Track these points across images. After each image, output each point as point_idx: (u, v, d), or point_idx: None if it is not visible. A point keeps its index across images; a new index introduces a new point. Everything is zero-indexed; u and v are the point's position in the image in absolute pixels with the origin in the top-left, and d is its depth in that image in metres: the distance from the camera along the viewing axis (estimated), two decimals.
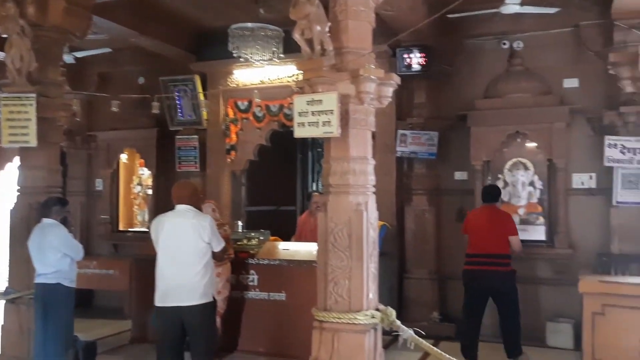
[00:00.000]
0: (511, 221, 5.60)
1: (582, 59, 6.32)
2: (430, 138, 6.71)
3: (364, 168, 4.27)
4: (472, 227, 5.62)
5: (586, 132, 6.32)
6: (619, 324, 4.77)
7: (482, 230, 5.52)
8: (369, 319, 4.13)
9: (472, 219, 5.71)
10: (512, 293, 5.50)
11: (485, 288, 5.46)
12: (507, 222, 5.58)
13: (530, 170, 6.59)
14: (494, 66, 6.70)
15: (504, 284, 5.45)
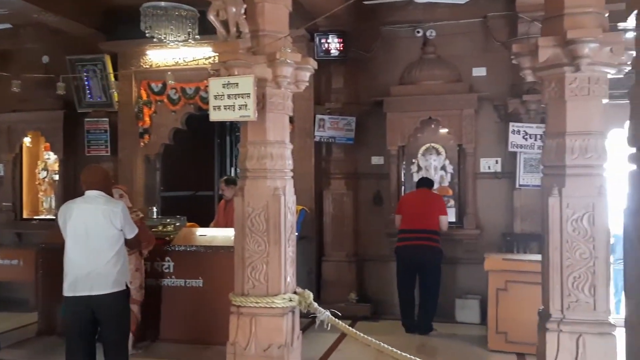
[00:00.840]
0: (442, 202, 6.09)
1: (489, 48, 6.63)
2: (348, 123, 6.81)
3: (282, 152, 4.27)
4: (406, 207, 6.07)
5: (493, 119, 6.66)
6: (520, 299, 5.12)
7: (415, 208, 5.99)
8: (287, 302, 4.17)
9: (406, 200, 6.21)
10: (436, 271, 5.90)
11: (415, 262, 5.89)
12: (438, 203, 6.04)
13: (442, 155, 6.86)
14: (409, 53, 6.88)
15: (430, 259, 5.86)
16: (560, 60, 3.70)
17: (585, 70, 3.65)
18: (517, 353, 5.15)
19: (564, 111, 3.71)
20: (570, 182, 3.65)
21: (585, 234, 3.61)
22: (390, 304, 6.75)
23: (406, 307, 5.98)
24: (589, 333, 3.63)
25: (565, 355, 3.67)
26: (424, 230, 5.84)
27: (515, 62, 4.06)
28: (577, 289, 3.65)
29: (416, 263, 5.87)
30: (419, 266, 5.88)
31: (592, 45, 3.56)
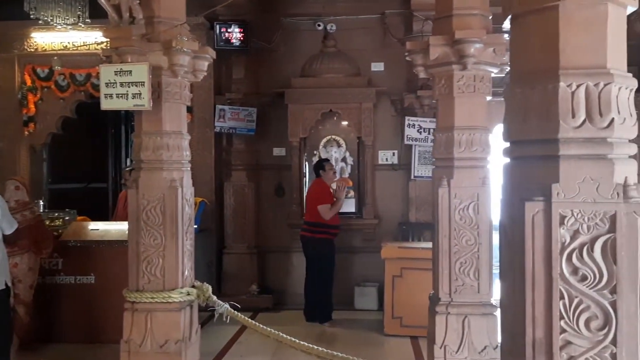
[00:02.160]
0: (319, 192, 6.07)
1: (387, 44, 6.84)
2: (249, 114, 6.76)
3: (179, 143, 4.16)
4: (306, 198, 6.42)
5: (390, 113, 6.89)
6: (414, 285, 5.37)
7: (306, 200, 6.31)
8: (184, 297, 4.09)
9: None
10: (321, 261, 5.96)
11: (304, 253, 6.09)
12: (315, 193, 6.11)
13: (343, 147, 7.01)
14: (310, 46, 6.94)
15: (312, 250, 5.99)
16: (449, 59, 3.91)
17: (471, 68, 3.89)
18: (411, 336, 5.40)
19: (453, 107, 3.93)
20: (458, 174, 3.88)
21: (471, 222, 3.86)
22: (292, 294, 6.82)
23: (305, 296, 6.10)
24: (473, 314, 3.91)
25: (452, 336, 3.92)
26: (307, 222, 6.09)
27: (408, 59, 4.23)
28: (463, 273, 3.90)
29: (304, 254, 6.09)
30: (306, 257, 6.09)
31: (477, 45, 3.80)
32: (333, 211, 5.94)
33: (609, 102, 1.84)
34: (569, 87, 1.86)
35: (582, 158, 1.86)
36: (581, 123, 1.85)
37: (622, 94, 1.88)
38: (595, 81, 1.85)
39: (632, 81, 1.92)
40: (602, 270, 1.84)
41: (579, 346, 1.85)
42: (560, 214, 1.85)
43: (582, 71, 1.86)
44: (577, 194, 1.85)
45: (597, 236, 1.84)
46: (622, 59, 1.93)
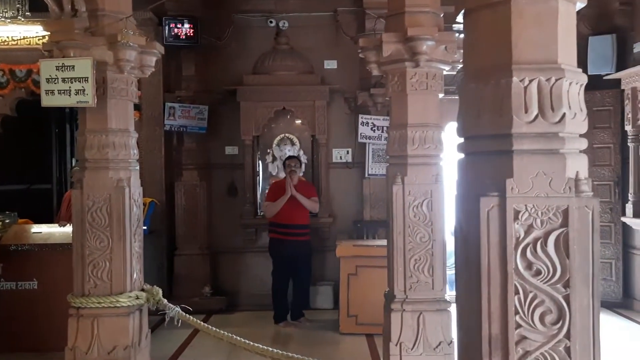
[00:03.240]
0: (269, 189, 6.19)
1: (340, 42, 6.82)
2: (200, 112, 6.60)
3: (126, 141, 4.01)
4: None
5: (344, 111, 6.88)
6: (368, 283, 5.36)
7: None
8: (133, 301, 3.94)
9: None
10: (273, 260, 5.95)
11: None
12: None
13: (297, 146, 6.94)
14: (262, 43, 6.84)
15: (269, 250, 6.00)
16: (402, 56, 3.91)
17: (423, 66, 3.90)
18: (366, 334, 5.39)
19: (406, 104, 3.94)
20: (412, 171, 3.88)
21: (424, 219, 3.88)
22: (246, 295, 6.71)
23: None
24: (428, 310, 3.93)
25: (408, 333, 3.93)
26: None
27: (362, 56, 4.22)
28: (417, 270, 3.91)
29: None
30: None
31: (430, 42, 3.81)
32: (270, 208, 5.91)
33: (561, 97, 1.85)
34: (522, 82, 1.86)
35: (535, 153, 1.86)
36: (534, 118, 1.85)
37: (572, 89, 1.89)
38: (547, 76, 1.85)
39: (582, 76, 1.94)
40: (556, 264, 1.85)
41: (533, 341, 1.86)
42: (515, 209, 1.85)
43: (534, 66, 1.86)
44: (531, 189, 1.85)
45: (550, 230, 1.85)
46: (572, 54, 1.95)
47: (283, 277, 5.93)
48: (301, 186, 5.98)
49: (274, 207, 5.87)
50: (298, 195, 5.83)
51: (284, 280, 5.94)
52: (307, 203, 5.89)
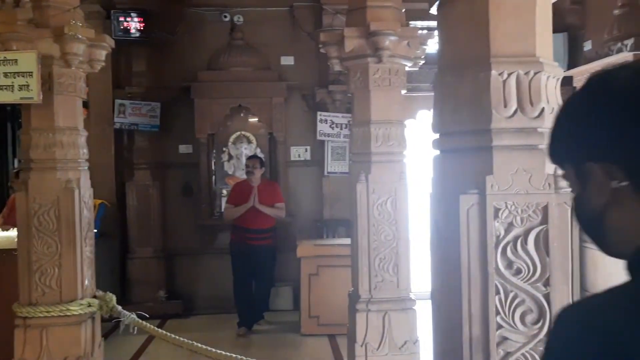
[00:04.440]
0: (231, 191, 5.96)
1: (296, 38, 6.70)
2: (152, 109, 6.35)
3: (74, 140, 3.78)
4: None
5: (302, 108, 6.77)
6: (330, 283, 5.29)
7: None
8: (85, 308, 3.72)
9: None
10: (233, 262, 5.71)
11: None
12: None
13: (254, 144, 6.79)
14: (217, 38, 6.65)
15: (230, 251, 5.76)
16: (364, 51, 3.84)
17: (386, 61, 3.84)
18: (328, 335, 5.32)
19: (369, 100, 3.86)
20: (375, 169, 3.82)
21: (389, 217, 3.82)
22: (203, 298, 6.51)
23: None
24: (393, 310, 3.87)
25: (373, 333, 3.86)
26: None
27: (323, 51, 4.12)
28: (382, 269, 3.85)
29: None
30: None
31: (392, 38, 3.75)
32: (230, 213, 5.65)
33: (539, 91, 1.81)
34: (500, 75, 1.80)
35: (514, 149, 1.81)
36: (513, 113, 1.80)
37: (550, 83, 1.85)
38: (526, 69, 1.81)
39: (558, 70, 1.91)
40: (536, 262, 1.81)
41: (514, 341, 1.81)
42: (495, 207, 1.80)
43: (513, 59, 1.81)
44: (511, 186, 1.80)
45: (530, 228, 1.81)
46: (549, 47, 1.92)
47: (244, 280, 5.70)
48: (265, 188, 5.67)
49: (234, 213, 5.61)
50: (261, 207, 5.53)
51: (246, 283, 5.72)
52: (272, 212, 5.61)
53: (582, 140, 0.81)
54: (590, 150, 0.80)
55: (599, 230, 0.84)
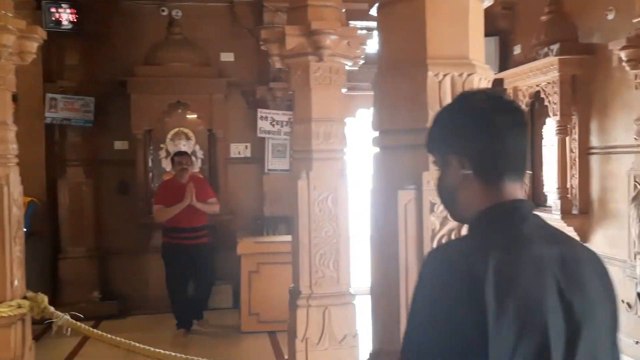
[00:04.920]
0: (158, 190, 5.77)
1: (237, 34, 6.66)
2: (85, 104, 6.14)
3: (3, 135, 3.62)
4: None
5: (242, 105, 6.73)
6: (271, 280, 5.30)
7: None
8: (15, 310, 3.57)
9: None
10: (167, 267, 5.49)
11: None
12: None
13: (192, 140, 6.69)
14: (154, 32, 6.50)
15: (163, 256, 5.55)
16: (305, 50, 3.87)
17: (327, 60, 3.89)
18: (269, 332, 5.33)
19: (310, 98, 3.91)
20: (317, 166, 3.87)
21: (330, 214, 3.88)
22: (140, 298, 6.37)
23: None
24: (333, 305, 3.93)
25: (313, 328, 3.91)
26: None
27: (264, 48, 4.13)
28: (323, 265, 3.91)
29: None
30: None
31: (333, 37, 3.81)
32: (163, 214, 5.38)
33: None
34: (436, 76, 1.89)
35: None
36: None
37: (482, 85, 1.95)
38: (460, 71, 1.90)
39: (489, 73, 2.01)
40: None
41: None
42: (431, 202, 1.88)
43: (448, 61, 1.90)
44: None
45: None
46: (481, 51, 2.01)
47: (180, 282, 5.49)
48: (195, 184, 5.47)
49: (167, 213, 5.34)
50: (199, 204, 5.35)
51: (182, 287, 5.51)
52: (207, 209, 5.46)
53: (445, 139, 1.17)
54: (450, 146, 1.15)
55: (452, 202, 1.19)
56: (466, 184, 1.13)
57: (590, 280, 1.08)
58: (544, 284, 1.00)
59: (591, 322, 1.03)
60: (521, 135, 1.13)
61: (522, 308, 0.96)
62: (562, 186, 5.67)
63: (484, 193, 1.12)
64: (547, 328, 0.97)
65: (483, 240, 1.06)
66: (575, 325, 1.01)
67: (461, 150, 1.13)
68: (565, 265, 1.05)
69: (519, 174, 1.14)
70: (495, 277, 0.96)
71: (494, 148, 1.10)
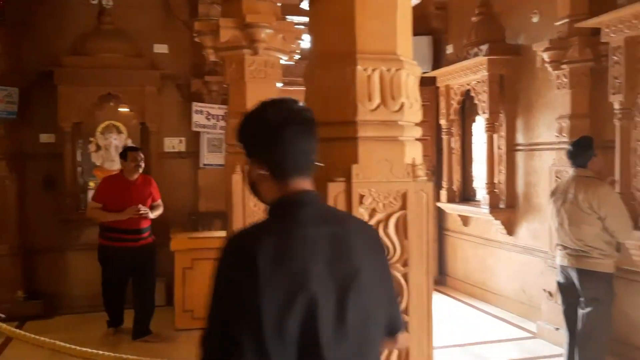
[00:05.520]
0: (100, 186, 5.24)
1: (171, 26, 6.50)
2: (8, 95, 5.82)
3: None
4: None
5: (176, 98, 6.59)
6: (205, 275, 5.10)
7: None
8: None
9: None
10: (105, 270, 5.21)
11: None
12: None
13: (124, 134, 6.49)
14: (83, 21, 6.23)
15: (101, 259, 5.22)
16: (240, 43, 3.85)
17: (262, 54, 3.88)
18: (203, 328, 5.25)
19: (245, 92, 3.89)
20: None
21: (265, 209, 3.87)
22: (68, 297, 6.12)
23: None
24: None
25: None
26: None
27: (197, 40, 4.07)
28: None
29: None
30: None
31: (268, 30, 3.80)
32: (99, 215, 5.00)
33: (400, 86, 1.95)
34: (365, 70, 1.92)
35: (377, 140, 1.94)
36: (376, 106, 1.93)
37: (410, 80, 2.01)
38: (388, 66, 1.94)
39: (417, 69, 2.07)
40: (396, 245, 1.95)
41: None
42: (359, 194, 1.91)
43: (377, 56, 1.94)
44: (374, 174, 1.93)
45: (391, 213, 1.95)
46: (409, 47, 2.07)
47: (119, 286, 5.18)
48: (143, 183, 5.19)
49: (103, 216, 4.97)
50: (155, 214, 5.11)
51: (121, 289, 5.21)
52: (157, 214, 5.20)
53: (247, 142, 1.39)
54: (250, 149, 1.39)
55: (255, 192, 1.43)
56: (263, 179, 1.37)
57: (359, 250, 1.35)
58: (311, 256, 1.26)
59: (359, 282, 1.30)
60: (307, 141, 1.38)
61: (291, 275, 1.21)
62: (490, 181, 5.91)
63: (276, 187, 1.36)
64: (313, 291, 1.21)
65: (267, 223, 1.33)
66: (344, 286, 1.27)
67: (257, 154, 1.37)
68: (335, 240, 1.31)
69: (306, 171, 1.39)
70: (268, 251, 1.21)
71: (283, 154, 1.34)
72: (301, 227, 1.30)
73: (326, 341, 1.22)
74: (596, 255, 3.66)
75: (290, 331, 1.18)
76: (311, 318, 1.20)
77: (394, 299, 1.47)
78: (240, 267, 1.22)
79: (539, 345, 4.96)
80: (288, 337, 1.18)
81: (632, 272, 4.36)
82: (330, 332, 1.23)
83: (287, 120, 1.35)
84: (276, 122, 1.34)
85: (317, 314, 1.21)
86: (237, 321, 1.19)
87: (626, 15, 4.01)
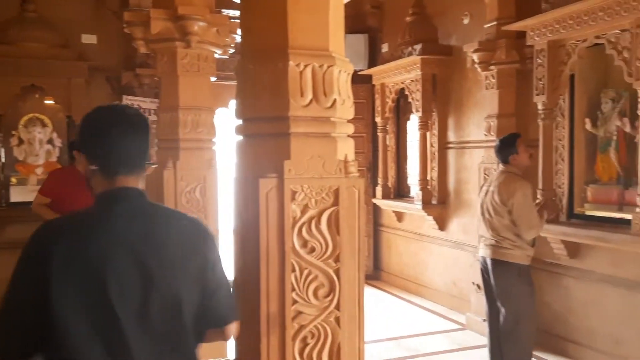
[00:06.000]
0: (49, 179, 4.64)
1: (100, 15, 6.26)
2: None
3: None
4: None
5: (106, 91, 6.35)
6: None
7: None
8: None
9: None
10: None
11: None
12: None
13: (49, 127, 6.19)
14: (4, 9, 5.90)
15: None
16: (172, 35, 3.74)
17: (195, 47, 3.79)
18: None
19: (177, 86, 3.79)
20: (184, 156, 3.76)
21: (198, 205, 3.80)
22: None
23: None
24: None
25: None
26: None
27: (127, 31, 3.93)
28: None
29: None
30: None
31: (201, 23, 3.71)
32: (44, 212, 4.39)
33: (332, 83, 1.95)
34: (298, 66, 1.91)
35: (310, 136, 1.93)
36: (309, 102, 1.92)
37: (342, 77, 2.01)
38: (320, 63, 1.94)
39: (349, 66, 2.08)
40: (328, 240, 1.96)
41: (308, 315, 1.94)
42: (292, 190, 1.90)
43: (309, 52, 1.93)
44: (306, 171, 1.92)
45: (323, 209, 1.95)
46: (341, 44, 2.07)
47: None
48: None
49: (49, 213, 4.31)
50: None
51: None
52: None
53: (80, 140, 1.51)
54: (83, 146, 1.50)
55: (89, 186, 1.51)
56: (94, 174, 1.48)
57: (174, 243, 1.45)
58: (113, 249, 1.36)
59: (170, 271, 1.41)
60: (135, 141, 1.50)
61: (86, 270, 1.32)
62: (423, 178, 6.05)
63: (104, 182, 1.47)
64: (107, 283, 1.32)
65: (81, 215, 1.45)
66: (149, 277, 1.37)
67: (88, 151, 1.48)
68: (147, 235, 1.42)
69: (131, 169, 1.49)
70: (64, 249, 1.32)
71: (109, 153, 1.46)
72: (110, 220, 1.40)
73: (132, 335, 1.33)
74: (506, 245, 3.79)
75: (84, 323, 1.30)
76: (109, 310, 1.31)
77: (216, 291, 1.54)
78: (31, 257, 1.34)
79: (468, 337, 5.14)
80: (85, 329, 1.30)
81: (554, 265, 4.59)
82: (132, 325, 1.34)
83: (115, 122, 1.48)
84: (104, 123, 1.47)
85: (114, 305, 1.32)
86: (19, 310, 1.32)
87: (549, 20, 4.20)
